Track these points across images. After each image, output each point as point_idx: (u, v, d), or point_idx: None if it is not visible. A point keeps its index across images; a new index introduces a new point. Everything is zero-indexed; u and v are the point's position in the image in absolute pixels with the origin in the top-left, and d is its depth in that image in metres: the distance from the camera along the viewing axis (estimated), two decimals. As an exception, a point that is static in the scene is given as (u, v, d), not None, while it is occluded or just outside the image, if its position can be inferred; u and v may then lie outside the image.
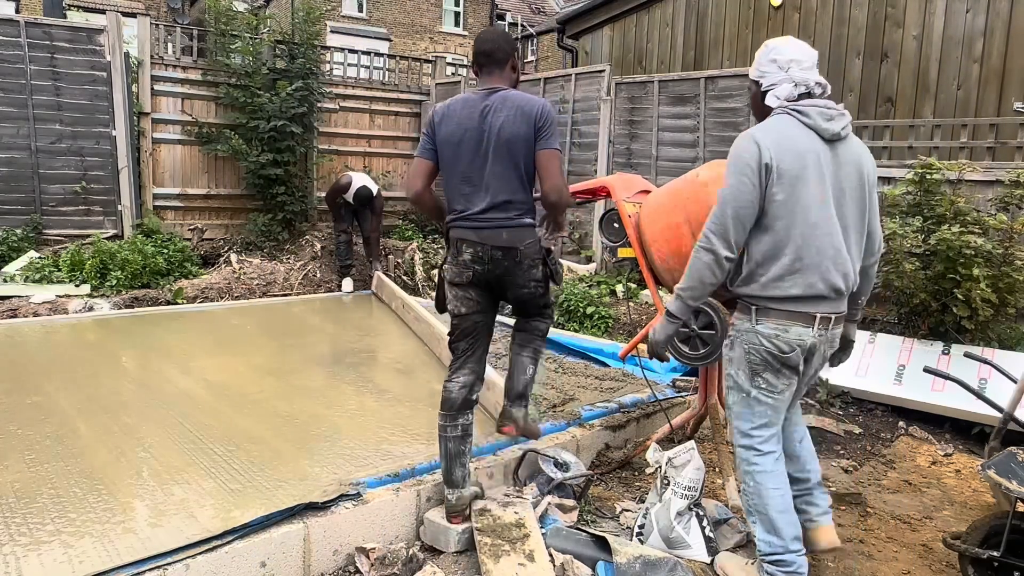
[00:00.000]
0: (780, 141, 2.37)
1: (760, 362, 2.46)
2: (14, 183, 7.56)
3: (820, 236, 2.37)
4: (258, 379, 4.49)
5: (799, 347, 2.41)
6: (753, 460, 2.54)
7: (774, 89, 2.49)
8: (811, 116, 2.40)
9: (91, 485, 2.93)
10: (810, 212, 2.36)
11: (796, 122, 2.41)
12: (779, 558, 2.49)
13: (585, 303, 6.43)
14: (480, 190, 2.80)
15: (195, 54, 8.71)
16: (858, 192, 2.45)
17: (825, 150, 2.39)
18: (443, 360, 4.90)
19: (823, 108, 2.41)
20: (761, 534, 2.54)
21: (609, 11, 10.20)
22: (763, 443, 2.53)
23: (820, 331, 2.42)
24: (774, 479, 2.53)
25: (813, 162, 2.36)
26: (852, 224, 2.44)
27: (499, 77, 2.89)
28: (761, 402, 2.50)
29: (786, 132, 2.39)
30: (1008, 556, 2.50)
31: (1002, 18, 6.78)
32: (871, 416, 4.63)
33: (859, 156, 2.46)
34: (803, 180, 2.35)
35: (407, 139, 10.40)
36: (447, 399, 2.91)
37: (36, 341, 5.35)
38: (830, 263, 2.38)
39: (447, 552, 2.79)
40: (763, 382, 2.48)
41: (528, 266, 2.85)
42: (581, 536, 2.80)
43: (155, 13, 21.63)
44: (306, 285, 7.80)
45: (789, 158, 2.35)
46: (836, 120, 2.41)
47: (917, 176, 5.06)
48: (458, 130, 2.82)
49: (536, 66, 30.67)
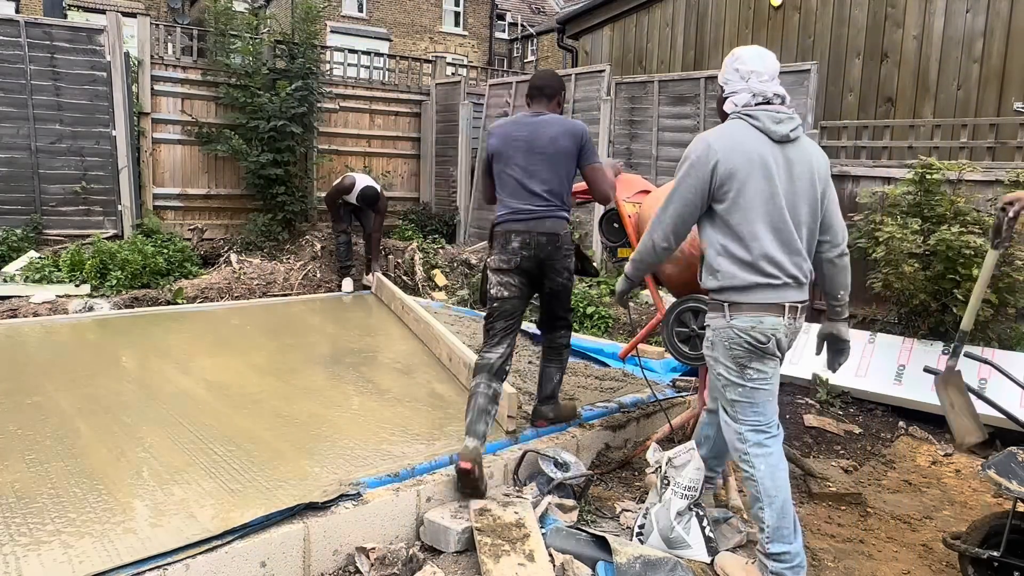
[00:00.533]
0: (731, 144, 2.53)
1: (744, 354, 2.56)
2: (14, 183, 7.57)
3: (773, 231, 2.51)
4: (258, 379, 4.49)
5: (773, 336, 2.53)
6: (765, 443, 2.58)
7: (733, 96, 2.63)
8: (760, 119, 2.55)
9: (91, 485, 2.93)
10: (761, 209, 2.51)
11: (747, 126, 2.56)
12: (785, 551, 2.50)
13: (585, 303, 6.42)
14: (528, 190, 3.34)
15: (195, 54, 8.71)
16: (810, 189, 2.57)
17: (775, 151, 2.53)
18: (443, 360, 4.90)
19: (772, 112, 2.56)
20: (769, 520, 2.53)
21: (609, 11, 10.20)
22: (770, 427, 2.60)
23: (789, 320, 2.55)
24: (783, 461, 2.61)
25: (760, 163, 2.51)
26: (804, 220, 2.57)
27: (546, 107, 3.48)
28: (760, 390, 2.58)
29: (737, 135, 2.55)
30: (1008, 556, 2.50)
31: (1002, 18, 6.78)
32: (871, 416, 4.63)
33: (810, 155, 2.59)
34: (752, 179, 2.50)
35: (407, 139, 10.41)
36: (486, 364, 3.31)
37: (36, 341, 5.35)
38: (785, 255, 2.52)
39: (447, 552, 2.79)
40: (753, 372, 2.56)
41: (564, 253, 3.39)
42: (581, 536, 2.80)
43: (155, 13, 21.63)
44: (306, 285, 7.80)
45: (738, 159, 2.51)
46: (784, 123, 2.55)
47: (917, 176, 5.07)
48: (512, 141, 3.38)
49: (536, 66, 30.67)
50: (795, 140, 2.57)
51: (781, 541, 2.51)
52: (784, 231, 2.52)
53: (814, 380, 4.83)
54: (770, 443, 2.59)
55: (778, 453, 2.59)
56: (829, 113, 7.68)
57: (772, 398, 2.61)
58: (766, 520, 2.54)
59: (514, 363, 4.94)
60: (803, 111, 6.51)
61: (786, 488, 2.57)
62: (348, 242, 7.69)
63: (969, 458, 4.06)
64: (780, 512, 2.53)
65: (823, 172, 2.62)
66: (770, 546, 2.53)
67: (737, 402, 2.61)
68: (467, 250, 8.78)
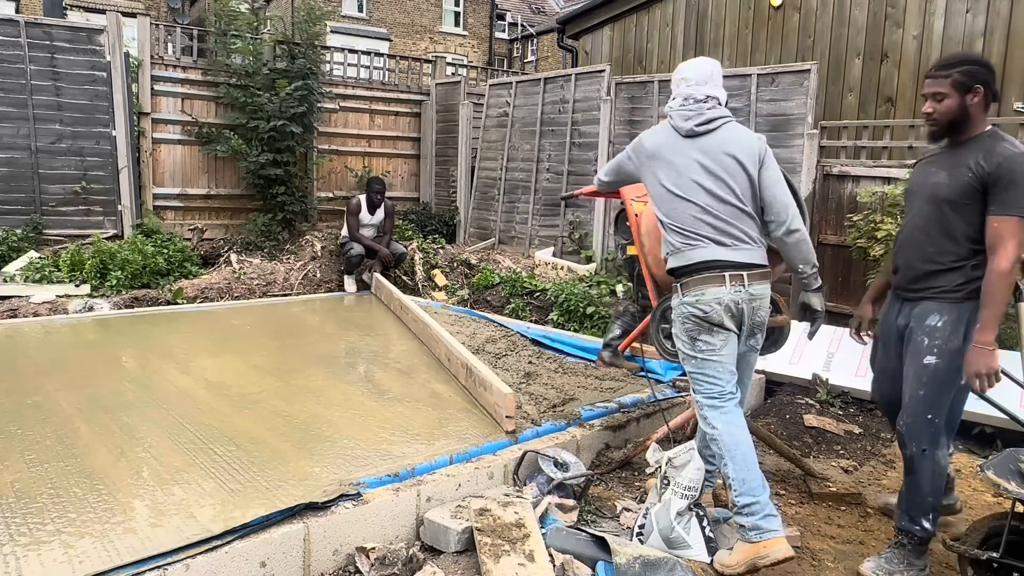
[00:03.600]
0: (655, 139, 2.97)
1: (693, 327, 2.81)
2: (14, 183, 7.57)
3: (693, 210, 2.81)
4: (258, 379, 4.49)
5: (718, 305, 2.75)
6: (718, 405, 2.81)
7: (671, 101, 3.00)
8: (673, 118, 2.94)
9: (91, 485, 2.93)
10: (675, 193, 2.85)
11: (666, 124, 2.98)
12: (754, 501, 2.65)
13: (585, 303, 6.42)
14: None
15: (195, 54, 8.71)
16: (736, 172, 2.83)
17: (682, 142, 2.88)
18: (442, 360, 4.90)
19: (682, 110, 2.92)
20: (734, 472, 2.71)
21: (609, 11, 10.19)
22: (723, 390, 2.81)
23: (734, 288, 2.76)
24: (739, 418, 2.82)
25: (669, 153, 2.89)
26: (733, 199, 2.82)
27: None
28: (710, 361, 2.81)
29: (658, 132, 2.99)
30: (1007, 557, 2.50)
31: (1002, 18, 6.78)
32: (871, 416, 4.63)
33: (725, 142, 2.86)
34: (663, 168, 2.89)
35: (407, 139, 10.41)
36: None
37: (36, 341, 5.35)
38: (709, 230, 2.79)
39: (447, 552, 2.79)
40: (703, 344, 2.80)
41: None
42: (581, 536, 2.80)
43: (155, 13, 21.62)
44: (306, 285, 7.80)
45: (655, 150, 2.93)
46: (692, 118, 2.88)
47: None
48: None
49: (536, 66, 30.67)
50: (707, 133, 2.86)
51: (749, 494, 2.67)
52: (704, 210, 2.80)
53: (814, 380, 4.83)
54: (725, 403, 2.81)
55: (734, 411, 2.81)
56: (829, 113, 7.68)
57: (724, 368, 2.81)
58: (731, 474, 2.72)
59: (514, 363, 4.95)
60: (803, 111, 6.51)
61: (746, 443, 2.76)
62: (361, 254, 7.64)
63: (969, 458, 4.06)
64: (743, 464, 2.71)
65: (746, 156, 2.84)
66: (739, 499, 2.68)
67: (692, 373, 2.86)
68: (467, 250, 8.79)
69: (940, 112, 2.71)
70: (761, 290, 2.83)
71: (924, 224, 2.80)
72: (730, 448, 2.74)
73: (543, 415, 3.89)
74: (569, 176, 8.32)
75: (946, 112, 2.70)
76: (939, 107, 2.71)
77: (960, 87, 2.67)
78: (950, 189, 2.69)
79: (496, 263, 8.13)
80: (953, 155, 2.74)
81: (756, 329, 2.90)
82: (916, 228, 2.84)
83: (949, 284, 2.72)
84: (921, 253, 2.80)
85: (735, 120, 2.97)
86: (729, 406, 2.81)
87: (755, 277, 2.80)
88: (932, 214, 2.76)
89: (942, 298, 2.73)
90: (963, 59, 2.76)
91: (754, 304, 2.81)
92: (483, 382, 4.00)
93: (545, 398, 4.16)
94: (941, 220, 2.73)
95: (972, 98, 2.67)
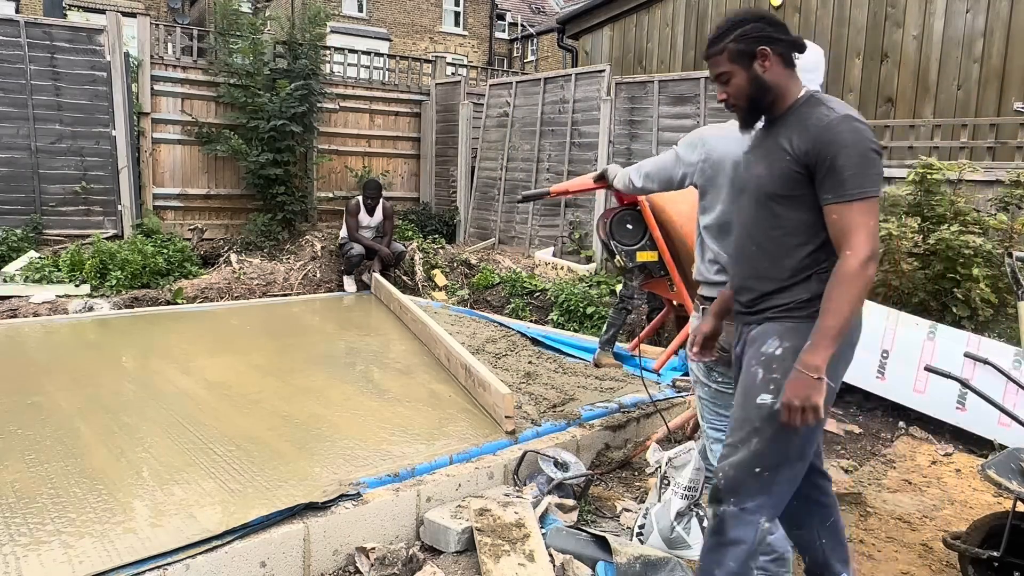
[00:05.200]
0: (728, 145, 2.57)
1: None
2: (14, 183, 7.56)
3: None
4: (258, 379, 4.49)
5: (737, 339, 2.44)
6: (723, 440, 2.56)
7: None
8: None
9: (91, 485, 2.93)
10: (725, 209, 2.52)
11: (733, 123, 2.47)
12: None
13: (585, 303, 6.42)
14: None
15: (195, 54, 8.71)
16: None
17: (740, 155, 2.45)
18: (442, 360, 4.90)
19: None
20: None
21: (609, 11, 10.19)
22: None
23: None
24: None
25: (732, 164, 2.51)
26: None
27: None
28: (723, 393, 2.54)
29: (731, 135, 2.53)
30: (1008, 556, 2.50)
31: (1002, 18, 6.78)
32: (871, 416, 4.63)
33: None
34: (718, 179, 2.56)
35: (407, 139, 10.41)
36: None
37: (36, 341, 5.35)
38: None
39: (447, 552, 2.79)
40: (717, 375, 2.55)
41: None
42: (581, 536, 2.80)
43: (155, 13, 21.62)
44: (306, 285, 7.79)
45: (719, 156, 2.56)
46: None
47: (917, 176, 5.06)
48: None
49: (536, 66, 30.67)
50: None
51: None
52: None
53: None
54: None
55: None
56: (829, 113, 7.68)
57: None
58: None
59: (514, 363, 4.94)
60: (803, 111, 6.50)
61: None
62: (361, 254, 7.64)
63: (969, 458, 4.06)
64: None
65: None
66: None
67: (703, 401, 2.64)
68: (467, 250, 8.78)
69: (733, 95, 2.14)
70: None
71: (753, 230, 2.16)
72: None
73: (543, 415, 3.89)
74: (569, 176, 8.31)
75: (738, 93, 2.13)
76: (729, 89, 2.14)
77: (741, 57, 2.09)
78: (771, 181, 2.07)
79: (496, 263, 8.13)
80: (769, 137, 2.14)
81: None
82: (745, 236, 2.20)
83: (792, 300, 2.06)
84: (754, 266, 2.16)
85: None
86: None
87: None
88: (760, 216, 2.13)
89: (784, 318, 2.06)
90: (733, 23, 2.13)
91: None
92: (482, 382, 3.99)
93: (545, 398, 4.16)
94: (771, 222, 2.08)
95: (761, 65, 2.08)
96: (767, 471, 2.05)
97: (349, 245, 7.66)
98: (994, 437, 4.03)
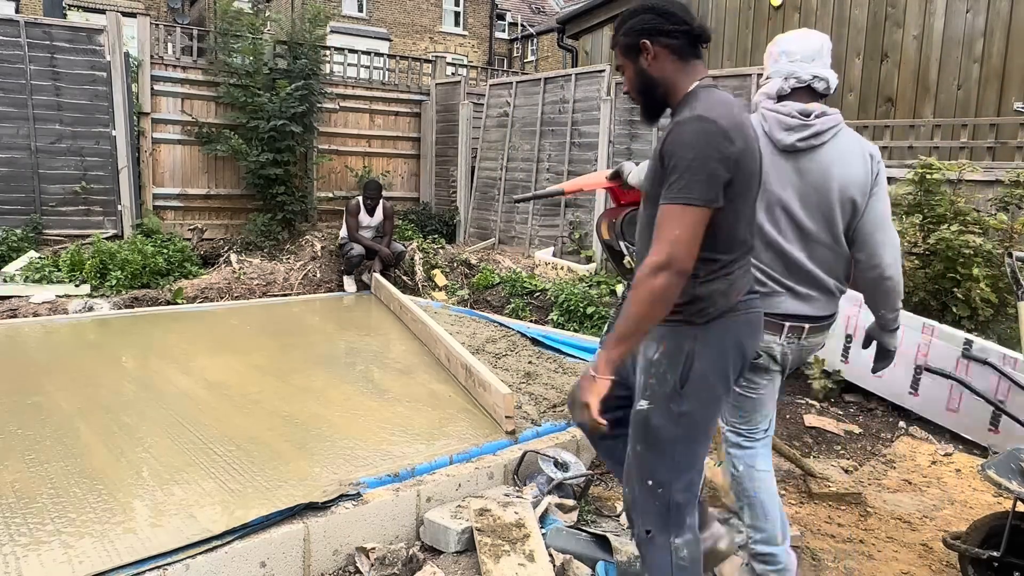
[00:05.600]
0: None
1: None
2: (14, 183, 7.56)
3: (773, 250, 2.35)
4: (258, 379, 4.49)
5: (765, 352, 2.40)
6: (745, 445, 2.56)
7: (766, 84, 2.43)
8: (768, 123, 2.35)
9: (91, 485, 2.93)
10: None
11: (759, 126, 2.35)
12: (770, 553, 2.49)
13: (585, 303, 6.42)
14: None
15: (195, 54, 8.71)
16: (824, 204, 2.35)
17: (778, 160, 2.33)
18: (442, 360, 4.90)
19: (784, 117, 2.34)
20: (750, 520, 2.53)
21: (609, 11, 10.20)
22: (752, 430, 2.56)
23: (788, 340, 2.40)
24: (763, 462, 2.55)
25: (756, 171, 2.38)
26: (827, 237, 2.38)
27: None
28: (747, 398, 2.52)
29: None
30: (1008, 556, 2.50)
31: (1002, 18, 6.78)
32: (871, 416, 4.63)
33: (831, 164, 2.34)
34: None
35: (407, 139, 10.41)
36: None
37: (36, 341, 5.35)
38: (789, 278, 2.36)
39: (447, 552, 2.79)
40: (743, 380, 2.50)
41: None
42: (581, 536, 2.80)
43: (155, 13, 21.62)
44: (306, 285, 7.79)
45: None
46: (795, 131, 2.32)
47: (917, 176, 5.07)
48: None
49: (536, 66, 30.67)
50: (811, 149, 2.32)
51: (764, 543, 2.50)
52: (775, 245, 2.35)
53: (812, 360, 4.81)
54: (749, 444, 2.56)
55: (758, 455, 2.54)
56: (829, 113, 7.68)
57: (761, 407, 2.54)
58: (746, 520, 2.56)
59: (514, 363, 4.94)
60: (803, 111, 6.50)
61: (766, 491, 2.51)
62: (361, 255, 7.63)
63: (969, 457, 4.06)
64: (761, 513, 2.50)
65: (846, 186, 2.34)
66: (754, 545, 2.54)
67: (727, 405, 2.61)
68: (467, 250, 8.78)
69: (628, 88, 2.10)
70: (817, 340, 2.47)
71: (644, 230, 2.06)
72: (749, 494, 2.53)
73: (543, 415, 3.89)
74: (569, 176, 8.31)
75: (631, 86, 2.08)
76: (625, 82, 2.10)
77: (628, 51, 2.03)
78: (648, 179, 2.01)
79: (496, 263, 8.13)
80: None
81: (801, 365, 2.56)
82: (640, 238, 2.10)
83: None
84: None
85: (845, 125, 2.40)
86: (757, 448, 2.55)
87: (816, 330, 2.42)
88: (647, 216, 2.04)
89: (664, 322, 1.92)
90: (626, 15, 2.05)
91: (803, 353, 2.47)
92: (482, 382, 4.00)
93: (545, 398, 4.16)
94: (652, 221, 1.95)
95: (645, 59, 2.00)
96: (660, 486, 1.99)
97: (349, 245, 7.66)
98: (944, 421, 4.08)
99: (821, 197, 2.34)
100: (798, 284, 2.37)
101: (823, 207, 2.35)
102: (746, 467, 2.55)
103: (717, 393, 1.99)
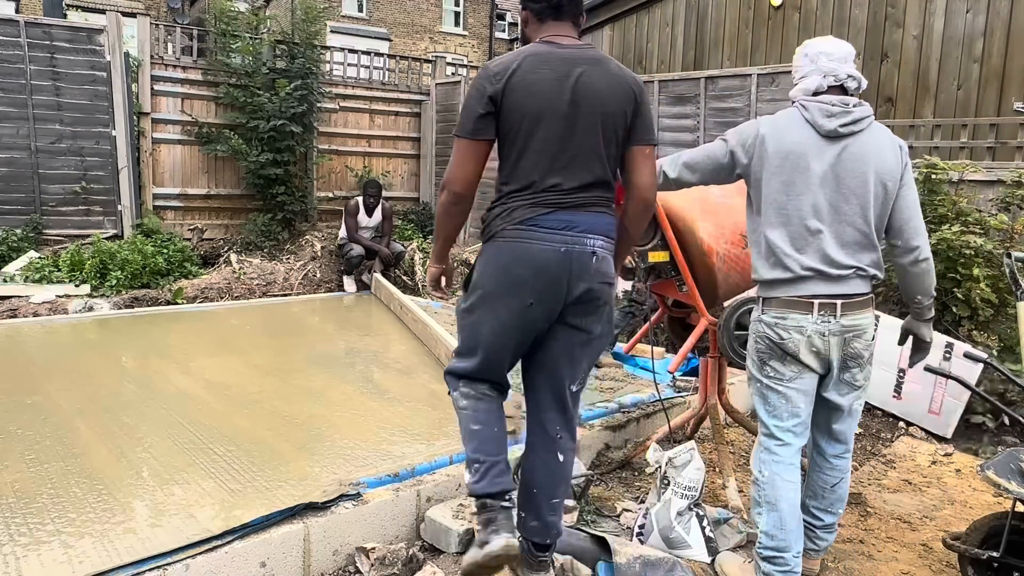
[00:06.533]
0: (776, 131, 2.49)
1: (765, 349, 2.51)
2: (14, 183, 7.56)
3: (799, 223, 2.44)
4: (258, 379, 4.49)
5: (798, 334, 2.42)
6: (774, 449, 2.53)
7: (803, 81, 2.53)
8: (810, 111, 2.47)
9: (91, 485, 2.93)
10: (789, 200, 2.44)
11: (799, 116, 2.49)
12: (779, 555, 2.47)
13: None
14: None
15: (195, 54, 8.71)
16: (861, 188, 2.44)
17: (821, 144, 2.45)
18: (442, 360, 4.90)
19: (826, 104, 2.45)
20: (765, 526, 2.50)
21: (609, 11, 10.19)
22: (783, 433, 2.52)
23: (822, 318, 2.41)
24: (790, 472, 2.52)
25: (798, 154, 2.44)
26: (861, 222, 2.45)
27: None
28: (773, 390, 2.51)
29: (785, 124, 2.50)
30: (1008, 556, 2.50)
31: (1002, 18, 6.78)
32: (871, 416, 4.63)
33: (866, 152, 2.45)
34: (783, 170, 2.45)
35: (407, 139, 10.40)
36: None
37: (36, 341, 5.35)
38: (821, 262, 2.42)
39: (447, 552, 2.79)
40: (770, 370, 2.50)
41: None
42: (581, 536, 2.80)
43: (155, 13, 21.61)
44: (306, 285, 7.79)
45: (777, 146, 2.46)
46: (837, 117, 2.43)
47: (921, 176, 5.06)
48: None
49: (536, 66, 30.61)
50: (851, 135, 2.44)
51: (774, 549, 2.48)
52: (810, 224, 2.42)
53: None
54: (779, 450, 2.52)
55: (786, 462, 2.52)
56: (829, 113, 7.68)
57: (790, 404, 2.50)
58: (761, 525, 2.53)
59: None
60: (803, 111, 6.50)
61: (787, 501, 2.49)
62: (361, 255, 7.64)
63: (969, 458, 4.06)
64: (776, 522, 2.48)
65: (884, 172, 2.46)
66: (762, 550, 2.52)
67: (755, 398, 2.60)
68: (467, 250, 8.78)
69: None
70: (856, 321, 2.44)
71: None
72: (769, 500, 2.50)
73: (543, 415, 3.88)
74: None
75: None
76: None
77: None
78: None
79: (496, 263, 8.12)
80: None
81: (852, 362, 2.48)
82: None
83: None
84: None
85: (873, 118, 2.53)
86: (784, 454, 2.51)
87: (850, 307, 2.43)
88: None
89: None
90: None
91: (847, 336, 2.44)
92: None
93: (545, 398, 4.14)
94: None
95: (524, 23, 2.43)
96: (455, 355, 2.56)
97: (349, 246, 7.66)
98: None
99: (858, 181, 2.45)
100: (829, 267, 2.43)
101: (859, 191, 2.45)
102: (771, 474, 2.52)
103: (490, 303, 2.34)
